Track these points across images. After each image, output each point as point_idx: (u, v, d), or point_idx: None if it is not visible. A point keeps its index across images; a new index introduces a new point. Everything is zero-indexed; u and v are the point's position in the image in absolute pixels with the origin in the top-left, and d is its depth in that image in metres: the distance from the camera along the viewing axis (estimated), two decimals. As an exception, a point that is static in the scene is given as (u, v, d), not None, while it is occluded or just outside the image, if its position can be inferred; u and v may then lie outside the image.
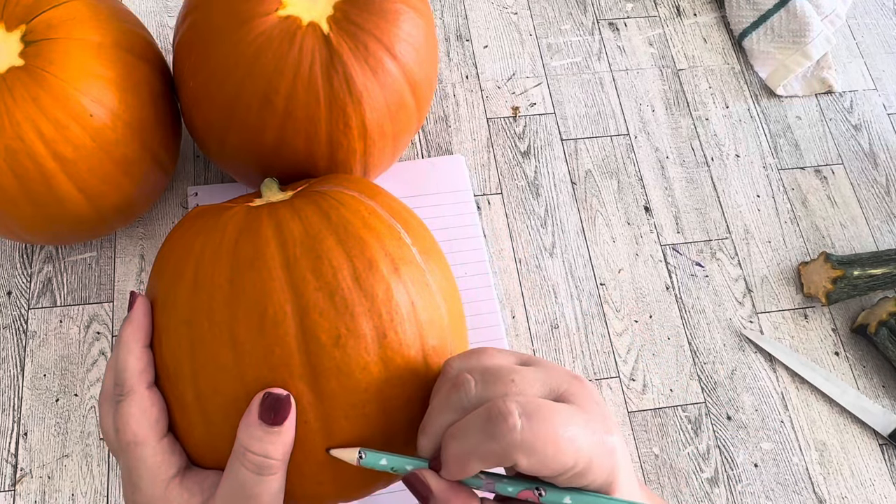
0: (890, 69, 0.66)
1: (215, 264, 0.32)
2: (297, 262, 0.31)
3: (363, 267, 0.32)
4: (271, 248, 0.32)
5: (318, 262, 0.32)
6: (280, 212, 0.34)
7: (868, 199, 0.61)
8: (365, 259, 0.32)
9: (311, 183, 0.38)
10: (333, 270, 0.31)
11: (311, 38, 0.41)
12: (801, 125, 0.63)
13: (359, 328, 0.31)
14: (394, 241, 0.34)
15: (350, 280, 0.31)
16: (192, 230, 0.34)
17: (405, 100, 0.44)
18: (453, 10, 0.64)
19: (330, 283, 0.31)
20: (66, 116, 0.39)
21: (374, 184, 0.39)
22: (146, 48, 0.45)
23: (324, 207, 0.34)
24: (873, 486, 0.51)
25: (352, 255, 0.32)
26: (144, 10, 0.61)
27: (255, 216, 0.34)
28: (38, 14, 0.40)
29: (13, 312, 0.50)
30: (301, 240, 0.32)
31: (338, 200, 0.35)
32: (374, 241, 0.33)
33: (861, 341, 0.55)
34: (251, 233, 0.33)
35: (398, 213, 0.36)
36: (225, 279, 0.31)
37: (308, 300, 0.31)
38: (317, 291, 0.31)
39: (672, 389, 0.52)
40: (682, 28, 0.66)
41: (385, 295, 0.32)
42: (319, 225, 0.33)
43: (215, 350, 0.30)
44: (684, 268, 0.56)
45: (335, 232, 0.33)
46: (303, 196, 0.36)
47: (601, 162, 0.60)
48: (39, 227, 0.43)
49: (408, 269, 0.33)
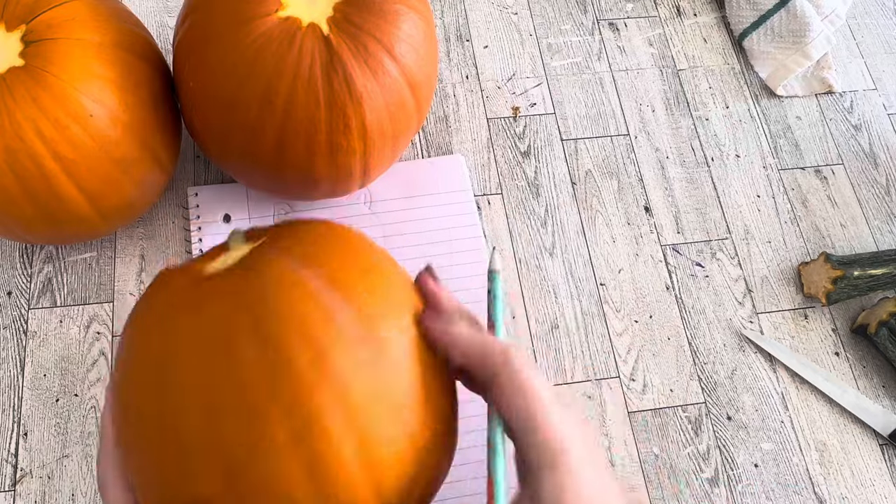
0: (890, 69, 0.66)
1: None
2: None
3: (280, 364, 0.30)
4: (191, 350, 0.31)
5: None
6: (213, 295, 0.32)
7: (868, 199, 0.61)
8: (282, 357, 0.30)
9: (269, 236, 0.36)
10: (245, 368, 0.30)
11: (311, 38, 0.41)
12: (801, 125, 0.63)
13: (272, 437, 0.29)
14: (323, 325, 0.31)
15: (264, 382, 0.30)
16: (147, 321, 0.33)
17: (405, 100, 0.44)
18: (453, 11, 0.64)
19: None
20: (66, 116, 0.39)
21: (336, 236, 0.35)
22: (146, 48, 0.45)
23: (248, 298, 0.31)
24: (873, 487, 0.51)
25: (267, 348, 0.30)
26: (144, 10, 0.61)
27: (189, 299, 0.32)
28: (38, 14, 0.40)
29: (13, 312, 0.50)
30: (217, 334, 0.31)
31: (272, 280, 0.32)
32: (295, 334, 0.30)
33: (861, 341, 0.55)
34: (176, 324, 0.31)
35: (346, 281, 0.33)
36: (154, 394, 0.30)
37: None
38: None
39: (672, 389, 0.52)
40: (682, 28, 0.66)
41: (300, 397, 0.29)
42: (239, 318, 0.31)
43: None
44: (684, 268, 0.56)
45: (255, 325, 0.31)
46: (244, 266, 0.34)
47: (601, 162, 0.60)
48: (39, 227, 0.43)
49: (339, 352, 0.30)
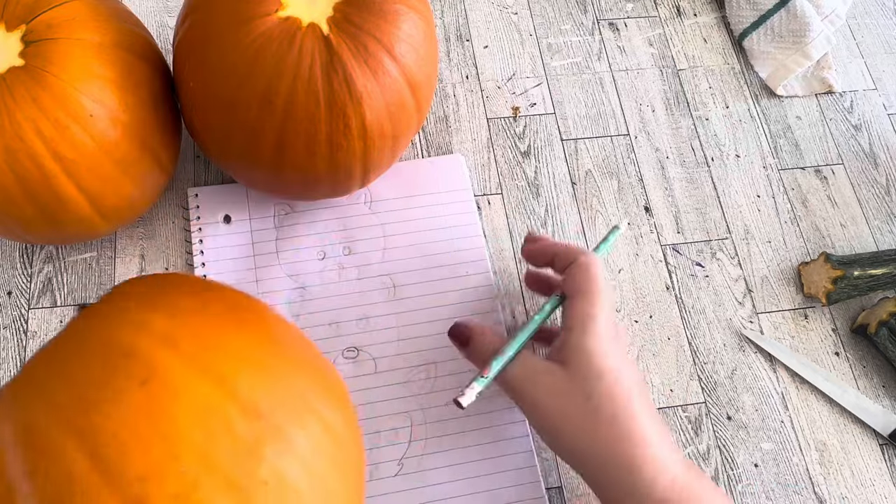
0: (890, 69, 0.66)
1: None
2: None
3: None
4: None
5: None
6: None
7: (868, 199, 0.61)
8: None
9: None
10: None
11: (311, 38, 0.41)
12: (801, 125, 0.63)
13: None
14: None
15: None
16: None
17: (405, 100, 0.44)
18: (453, 11, 0.64)
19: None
20: (66, 116, 0.39)
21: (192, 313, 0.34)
22: (146, 48, 0.45)
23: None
24: (873, 487, 0.51)
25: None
26: (144, 10, 0.61)
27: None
28: (38, 14, 0.40)
29: (13, 312, 0.50)
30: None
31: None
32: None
33: (861, 341, 0.55)
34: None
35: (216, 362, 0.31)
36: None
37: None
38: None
39: (672, 389, 0.52)
40: (682, 28, 0.66)
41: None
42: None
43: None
44: (684, 268, 0.56)
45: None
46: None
47: (601, 162, 0.60)
48: (39, 227, 0.43)
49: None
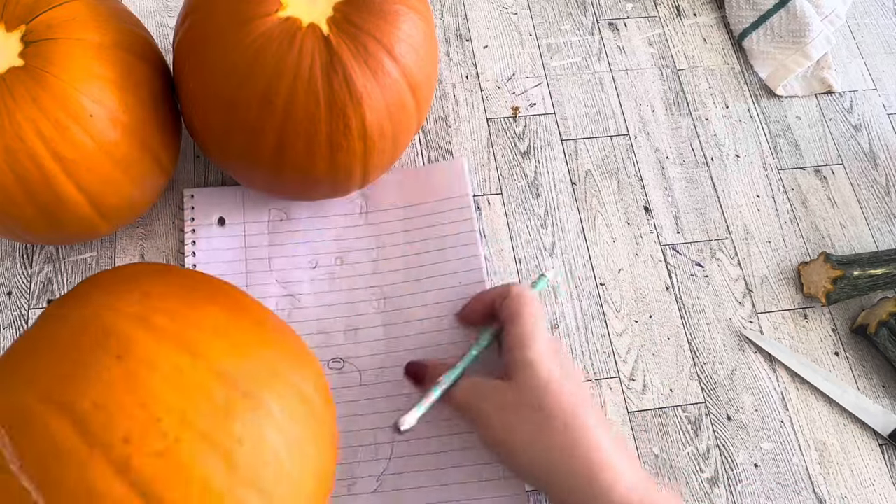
0: (890, 69, 0.66)
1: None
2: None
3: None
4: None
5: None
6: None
7: (868, 199, 0.61)
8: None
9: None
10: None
11: (311, 39, 0.41)
12: (801, 125, 0.63)
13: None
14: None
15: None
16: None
17: (405, 100, 0.44)
18: (453, 11, 0.64)
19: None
20: (66, 117, 0.39)
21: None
22: (146, 48, 0.45)
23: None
24: (873, 487, 0.51)
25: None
26: (144, 10, 0.61)
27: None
28: (38, 14, 0.40)
29: (13, 312, 0.50)
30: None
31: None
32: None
33: (861, 341, 0.55)
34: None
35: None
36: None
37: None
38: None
39: (672, 389, 0.52)
40: (682, 28, 0.66)
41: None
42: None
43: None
44: (684, 268, 0.56)
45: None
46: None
47: (601, 162, 0.60)
48: (39, 227, 0.43)
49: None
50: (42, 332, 0.34)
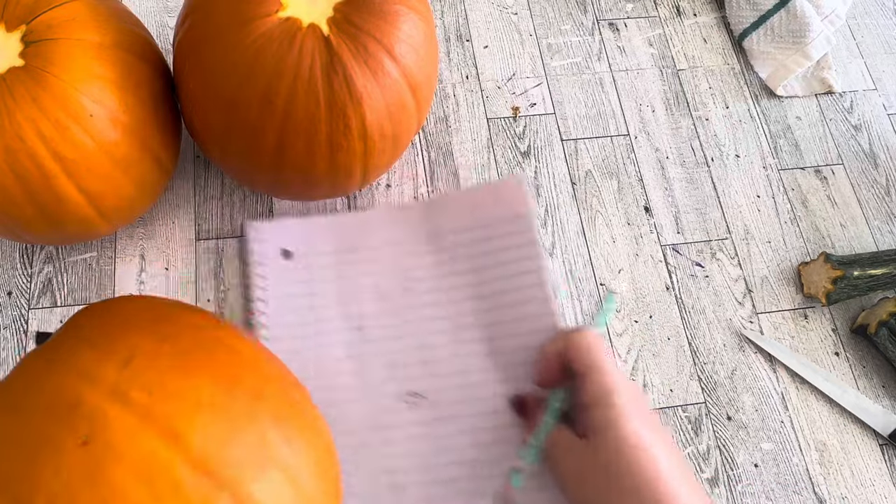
0: (890, 69, 0.66)
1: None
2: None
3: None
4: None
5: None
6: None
7: (868, 199, 0.61)
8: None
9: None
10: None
11: (311, 39, 0.41)
12: (801, 125, 0.63)
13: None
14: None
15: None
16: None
17: (405, 101, 0.44)
18: (453, 11, 0.64)
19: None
20: (66, 117, 0.39)
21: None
22: (146, 48, 0.45)
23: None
24: (873, 487, 0.51)
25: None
26: (144, 10, 0.61)
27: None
28: (38, 14, 0.40)
29: (13, 312, 0.50)
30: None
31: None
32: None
33: (861, 341, 0.55)
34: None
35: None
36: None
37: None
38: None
39: (672, 389, 0.52)
40: (682, 28, 0.66)
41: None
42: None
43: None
44: (684, 268, 0.56)
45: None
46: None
47: (601, 162, 0.60)
48: (40, 227, 0.43)
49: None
50: (13, 391, 0.31)
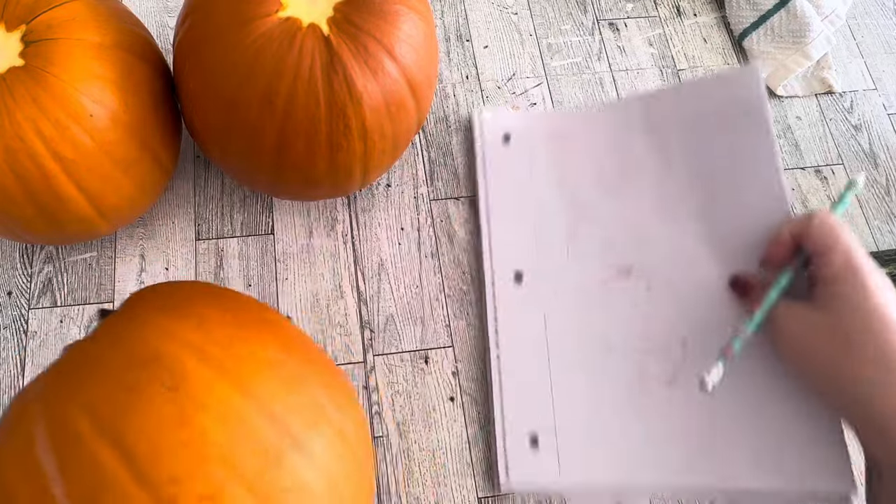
0: (890, 69, 0.66)
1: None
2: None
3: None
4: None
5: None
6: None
7: (868, 199, 0.61)
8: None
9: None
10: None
11: (311, 39, 0.41)
12: (801, 125, 0.63)
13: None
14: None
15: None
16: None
17: (405, 100, 0.44)
18: (453, 11, 0.64)
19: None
20: (66, 116, 0.39)
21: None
22: (146, 48, 0.45)
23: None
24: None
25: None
26: (144, 10, 0.61)
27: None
28: (38, 14, 0.40)
29: (13, 312, 0.50)
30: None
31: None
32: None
33: (861, 341, 0.55)
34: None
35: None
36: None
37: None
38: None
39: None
40: (682, 28, 0.66)
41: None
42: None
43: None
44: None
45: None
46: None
47: (601, 162, 0.60)
48: (39, 227, 0.43)
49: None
50: (98, 348, 0.33)
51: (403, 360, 0.52)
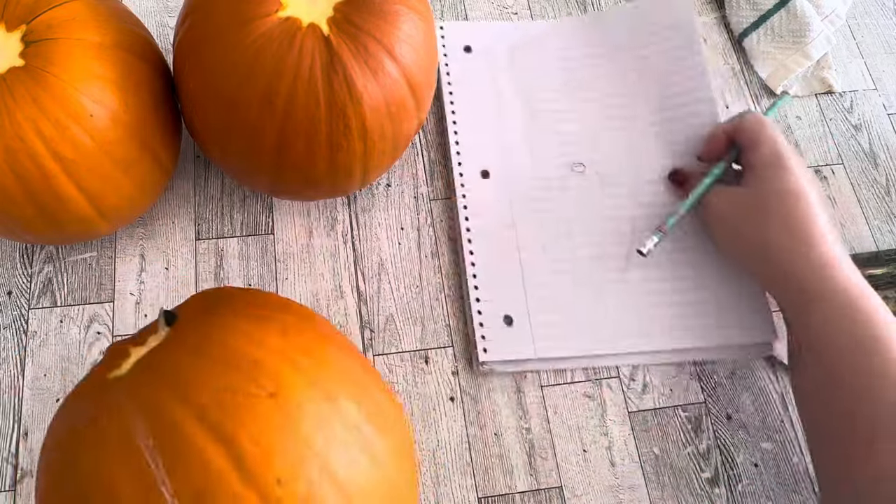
0: (890, 69, 0.66)
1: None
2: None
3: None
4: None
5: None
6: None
7: (868, 199, 0.61)
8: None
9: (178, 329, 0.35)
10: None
11: (311, 39, 0.41)
12: (801, 125, 0.63)
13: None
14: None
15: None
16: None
17: (405, 100, 0.44)
18: (453, 11, 0.64)
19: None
20: (66, 116, 0.39)
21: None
22: (146, 48, 0.45)
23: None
24: (873, 486, 0.51)
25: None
26: (144, 10, 0.61)
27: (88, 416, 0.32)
28: (38, 14, 0.40)
29: (13, 312, 0.50)
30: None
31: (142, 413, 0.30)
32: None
33: (861, 341, 0.55)
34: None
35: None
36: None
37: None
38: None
39: (672, 389, 0.52)
40: (682, 28, 0.66)
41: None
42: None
43: None
44: (684, 268, 0.56)
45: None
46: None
47: (601, 162, 0.60)
48: (39, 227, 0.43)
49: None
50: (182, 349, 0.33)
51: (403, 360, 0.52)
